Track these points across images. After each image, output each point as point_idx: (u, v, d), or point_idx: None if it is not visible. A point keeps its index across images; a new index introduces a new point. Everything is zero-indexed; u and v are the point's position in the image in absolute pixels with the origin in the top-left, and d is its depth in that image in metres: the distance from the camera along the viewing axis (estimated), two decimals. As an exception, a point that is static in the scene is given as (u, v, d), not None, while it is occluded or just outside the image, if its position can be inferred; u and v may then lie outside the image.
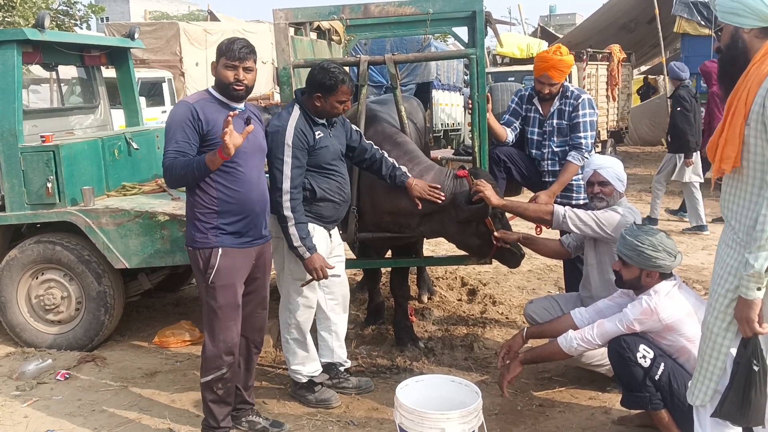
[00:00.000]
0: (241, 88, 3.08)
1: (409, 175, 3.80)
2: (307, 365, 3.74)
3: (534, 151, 4.50)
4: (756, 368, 2.26)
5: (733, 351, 2.36)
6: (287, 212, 3.38)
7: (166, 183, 3.15)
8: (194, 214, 3.12)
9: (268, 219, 3.32)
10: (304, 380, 3.73)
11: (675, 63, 8.57)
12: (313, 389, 3.74)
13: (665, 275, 3.17)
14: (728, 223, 2.39)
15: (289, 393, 3.86)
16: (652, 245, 3.12)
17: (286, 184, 3.37)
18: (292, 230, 3.39)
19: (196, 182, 3.05)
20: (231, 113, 2.88)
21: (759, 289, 2.20)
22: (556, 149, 4.39)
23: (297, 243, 3.40)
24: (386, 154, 3.82)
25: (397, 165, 3.80)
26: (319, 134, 3.48)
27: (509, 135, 4.47)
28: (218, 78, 3.10)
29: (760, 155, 2.23)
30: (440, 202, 3.78)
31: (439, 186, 3.81)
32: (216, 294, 3.13)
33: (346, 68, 3.69)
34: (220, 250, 3.10)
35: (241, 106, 3.17)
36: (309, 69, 4.22)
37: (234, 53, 3.04)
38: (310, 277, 3.47)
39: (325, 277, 3.47)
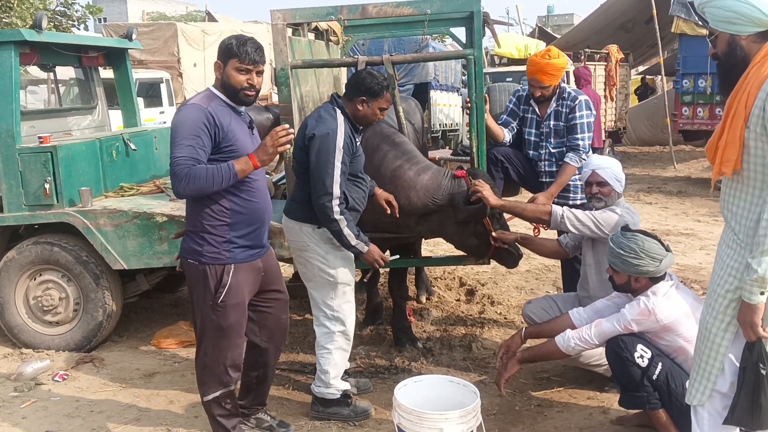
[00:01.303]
0: (253, 93, 2.91)
1: (375, 184, 3.76)
2: (342, 377, 3.62)
3: (531, 152, 4.50)
4: (764, 372, 2.25)
5: (732, 354, 2.36)
6: (338, 216, 3.27)
7: (176, 191, 2.84)
8: (203, 227, 2.92)
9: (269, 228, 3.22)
10: (339, 395, 3.57)
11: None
12: (347, 402, 3.60)
13: (656, 278, 3.18)
14: (728, 224, 2.39)
15: (312, 416, 3.61)
16: (634, 252, 3.11)
17: (336, 189, 3.25)
18: (346, 231, 3.31)
19: (214, 192, 2.85)
20: (287, 126, 2.79)
21: (762, 293, 2.19)
22: (553, 150, 4.39)
23: (354, 242, 3.34)
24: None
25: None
26: (357, 142, 3.45)
27: (506, 135, 4.47)
28: (227, 81, 2.88)
29: (760, 157, 2.22)
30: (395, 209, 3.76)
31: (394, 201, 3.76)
32: (227, 313, 2.97)
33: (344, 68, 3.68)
34: (232, 267, 2.95)
35: (242, 108, 3.03)
36: (307, 70, 4.24)
37: (249, 56, 2.83)
38: (371, 271, 3.42)
39: (386, 262, 3.46)
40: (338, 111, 3.37)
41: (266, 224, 3.11)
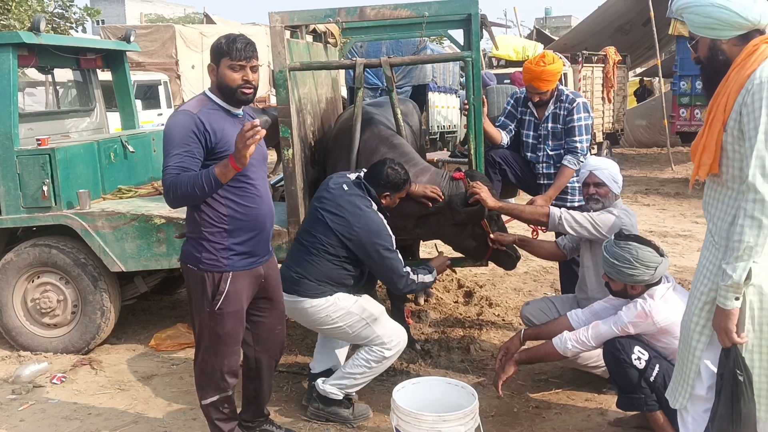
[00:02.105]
0: (251, 90, 2.82)
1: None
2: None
3: (529, 154, 4.51)
4: (741, 378, 2.22)
5: (709, 359, 2.34)
6: (415, 279, 3.49)
7: (167, 202, 2.80)
8: (201, 233, 2.86)
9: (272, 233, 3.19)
10: (341, 396, 3.57)
11: (485, 72, 9.85)
12: (349, 404, 3.61)
13: (652, 284, 3.17)
14: (708, 225, 2.39)
15: (310, 413, 3.61)
16: (628, 262, 3.10)
17: (404, 268, 3.46)
18: (427, 279, 3.57)
19: (203, 200, 2.79)
20: (255, 122, 2.59)
21: (737, 299, 2.17)
22: (551, 152, 4.40)
23: (431, 279, 3.60)
24: None
25: None
26: None
27: (504, 137, 4.49)
28: (222, 81, 2.80)
29: (738, 161, 2.21)
30: (440, 200, 3.79)
31: (437, 188, 3.81)
32: (224, 321, 2.92)
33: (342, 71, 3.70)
34: (230, 275, 2.89)
35: (240, 110, 2.93)
36: (305, 72, 4.24)
37: (240, 52, 2.75)
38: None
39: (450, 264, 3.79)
40: (373, 203, 3.46)
41: (267, 230, 3.02)
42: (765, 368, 2.27)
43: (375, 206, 3.46)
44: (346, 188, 3.46)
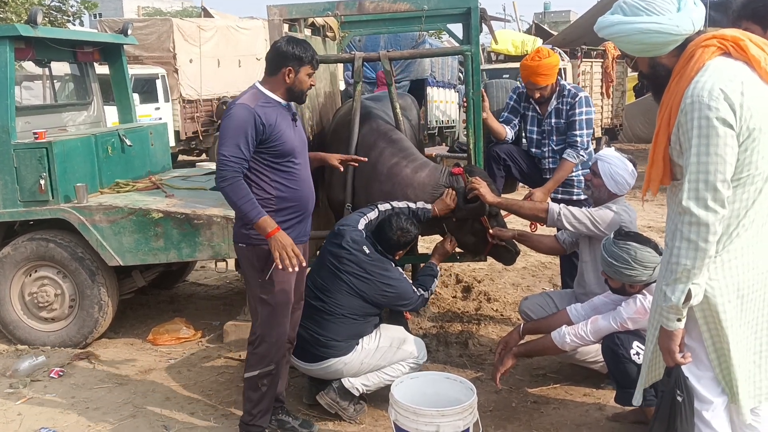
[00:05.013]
0: None
1: (429, 206, 3.82)
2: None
3: (534, 150, 4.49)
4: (679, 398, 2.19)
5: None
6: (426, 295, 3.70)
7: (217, 184, 3.06)
8: None
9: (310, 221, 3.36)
10: (359, 393, 3.58)
11: (346, 73, 10.05)
12: (359, 402, 3.62)
13: (651, 282, 3.16)
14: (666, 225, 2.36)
15: (322, 401, 3.56)
16: (626, 262, 3.09)
17: (415, 292, 3.64)
18: (435, 285, 3.78)
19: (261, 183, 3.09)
20: (302, 260, 3.05)
21: (679, 320, 2.13)
22: (556, 148, 4.38)
23: (438, 279, 3.86)
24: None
25: (413, 207, 3.81)
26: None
27: (508, 133, 4.46)
28: (299, 86, 3.13)
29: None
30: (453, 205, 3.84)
31: (452, 190, 3.85)
32: (275, 290, 3.14)
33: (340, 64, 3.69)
34: None
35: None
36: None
37: (316, 63, 3.15)
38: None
39: (455, 247, 4.02)
40: (392, 263, 3.59)
41: (309, 213, 3.25)
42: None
43: (394, 264, 3.59)
44: (367, 251, 3.50)
